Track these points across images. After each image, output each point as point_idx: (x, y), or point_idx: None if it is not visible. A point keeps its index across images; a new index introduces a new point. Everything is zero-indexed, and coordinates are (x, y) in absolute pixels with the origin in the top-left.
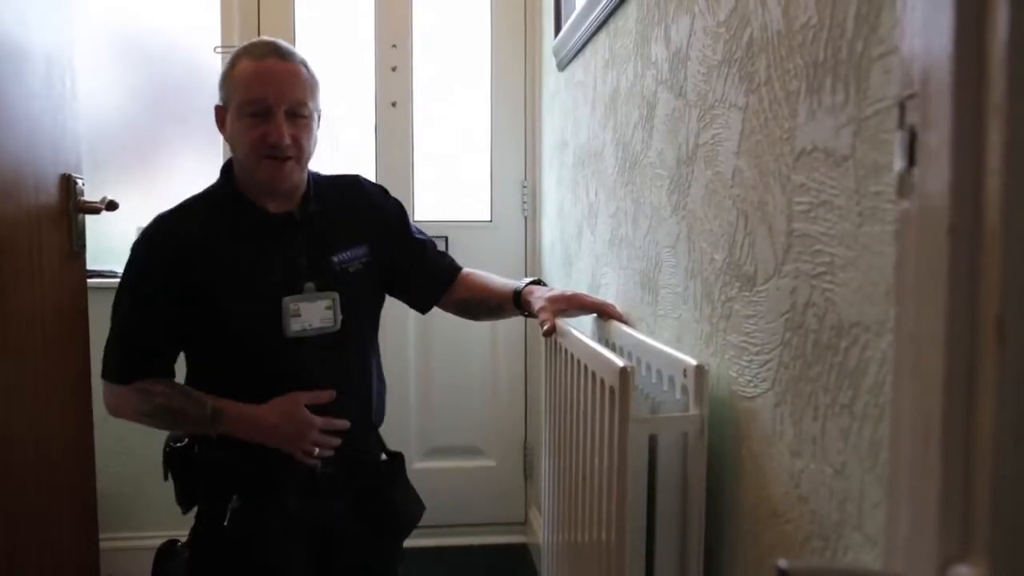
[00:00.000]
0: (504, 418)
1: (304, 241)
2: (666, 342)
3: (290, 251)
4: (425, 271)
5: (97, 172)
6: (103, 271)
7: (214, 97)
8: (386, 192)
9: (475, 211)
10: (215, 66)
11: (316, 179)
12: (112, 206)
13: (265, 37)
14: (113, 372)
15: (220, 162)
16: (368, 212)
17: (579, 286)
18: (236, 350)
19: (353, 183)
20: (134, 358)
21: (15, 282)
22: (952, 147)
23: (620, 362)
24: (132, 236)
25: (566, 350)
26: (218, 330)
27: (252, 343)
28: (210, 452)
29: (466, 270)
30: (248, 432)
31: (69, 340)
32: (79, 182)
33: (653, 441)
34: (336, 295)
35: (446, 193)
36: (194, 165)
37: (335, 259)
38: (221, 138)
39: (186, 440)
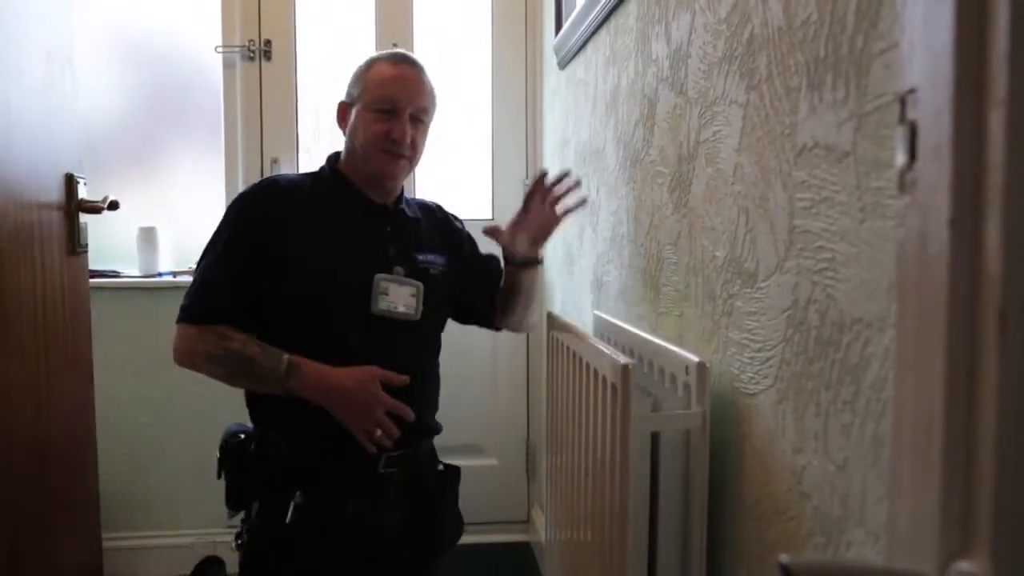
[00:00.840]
0: (506, 417)
1: (396, 233)
2: (668, 339)
3: (382, 237)
4: (492, 282)
5: (98, 172)
6: (105, 271)
7: (216, 97)
8: (462, 222)
9: (477, 209)
10: (216, 66)
11: (408, 196)
12: (113, 206)
13: (399, 49)
14: (191, 312)
15: (221, 161)
16: (448, 231)
17: (581, 284)
18: (318, 319)
19: (437, 208)
20: (216, 300)
21: (17, 281)
22: (953, 142)
23: (621, 359)
24: (133, 235)
25: (568, 347)
26: (303, 296)
27: (336, 314)
28: (271, 446)
29: None
30: (319, 392)
31: (71, 340)
32: (80, 181)
33: (655, 438)
34: (421, 285)
35: (448, 191)
36: (195, 165)
37: (419, 257)
38: (222, 138)
39: (243, 436)
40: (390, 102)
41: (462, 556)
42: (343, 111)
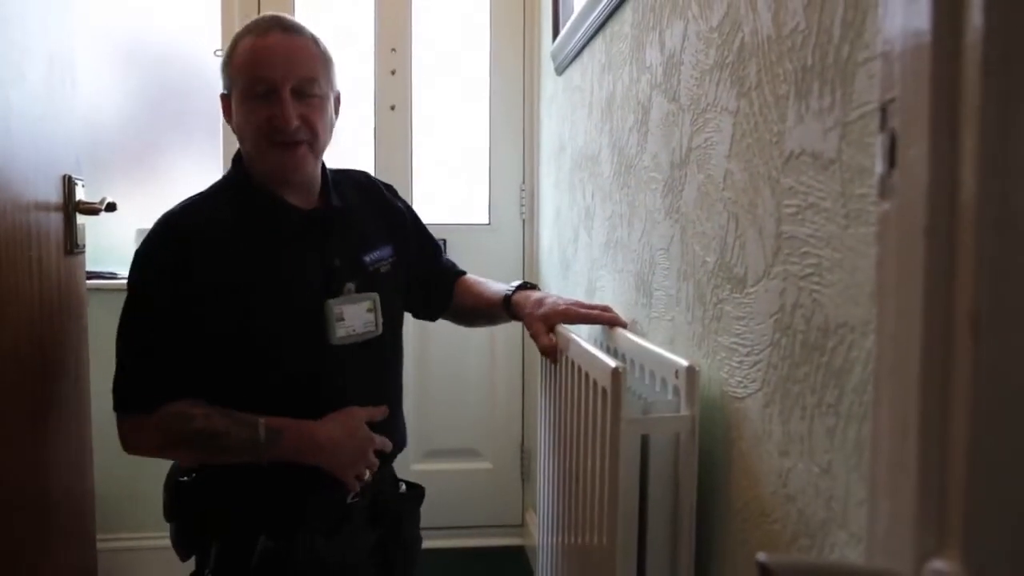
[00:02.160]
0: (501, 420)
1: (336, 239)
2: (659, 344)
3: (323, 250)
4: (438, 276)
5: (97, 173)
6: (102, 272)
7: (215, 101)
8: (395, 192)
9: (473, 214)
10: (215, 69)
11: (330, 172)
12: (111, 207)
13: (269, 12)
14: (134, 400)
15: (220, 165)
16: (388, 212)
17: (576, 289)
18: (272, 362)
19: (366, 180)
20: (161, 379)
21: (13, 282)
22: (929, 149)
23: (612, 363)
24: (131, 237)
25: (561, 352)
26: (251, 340)
27: (292, 353)
28: (230, 486)
29: (463, 277)
30: (308, 453)
31: (68, 341)
32: (79, 183)
33: (645, 441)
34: (376, 296)
35: (445, 196)
36: (193, 168)
37: (366, 259)
38: (220, 141)
39: (194, 474)
40: (263, 82)
41: (456, 559)
42: (225, 105)
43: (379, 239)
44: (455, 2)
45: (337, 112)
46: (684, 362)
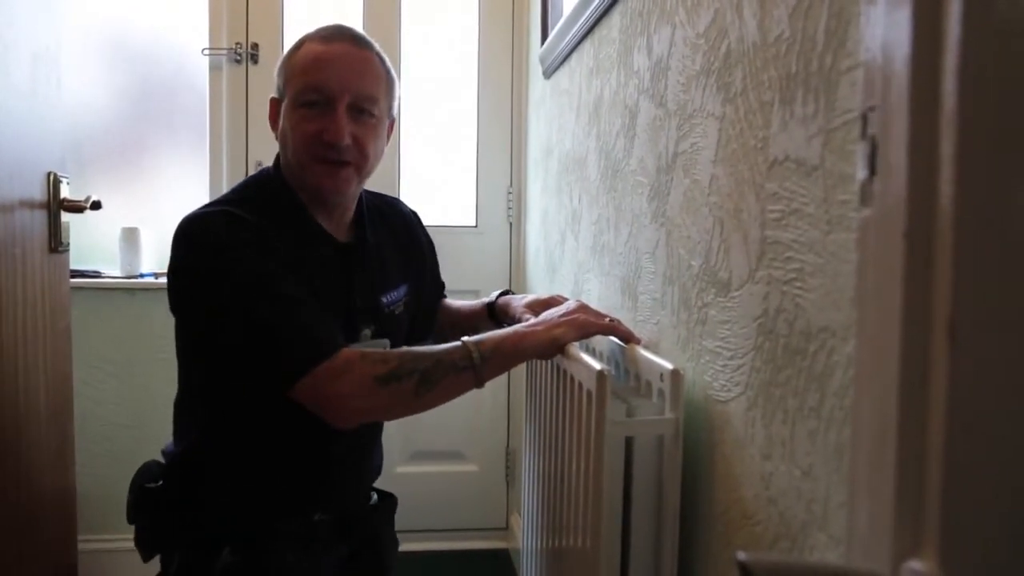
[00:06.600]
0: (487, 423)
1: (360, 278)
2: (644, 347)
3: (348, 289)
4: (427, 309)
5: (83, 171)
6: (86, 271)
7: (201, 99)
8: (420, 221)
9: (461, 216)
10: (202, 68)
11: (365, 197)
12: (96, 206)
13: (341, 23)
14: (318, 349)
15: (206, 164)
16: (410, 247)
17: (562, 292)
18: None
19: (396, 208)
20: (329, 326)
21: None
22: (908, 157)
23: (597, 366)
24: (115, 236)
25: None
26: None
27: None
28: (198, 494)
29: (443, 300)
30: (513, 333)
31: (51, 339)
32: (64, 180)
33: (629, 444)
34: (387, 342)
35: (432, 198)
36: (179, 167)
37: (384, 300)
38: (207, 141)
39: (160, 481)
40: (318, 91)
41: (440, 562)
42: (273, 109)
43: (397, 278)
44: (444, 5)
45: (388, 138)
46: (669, 365)
